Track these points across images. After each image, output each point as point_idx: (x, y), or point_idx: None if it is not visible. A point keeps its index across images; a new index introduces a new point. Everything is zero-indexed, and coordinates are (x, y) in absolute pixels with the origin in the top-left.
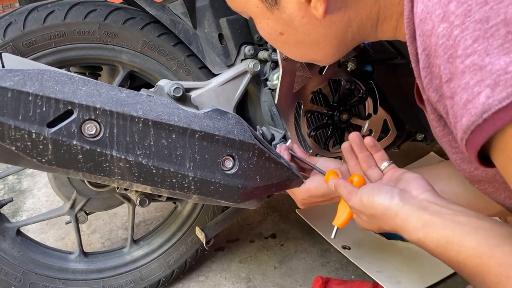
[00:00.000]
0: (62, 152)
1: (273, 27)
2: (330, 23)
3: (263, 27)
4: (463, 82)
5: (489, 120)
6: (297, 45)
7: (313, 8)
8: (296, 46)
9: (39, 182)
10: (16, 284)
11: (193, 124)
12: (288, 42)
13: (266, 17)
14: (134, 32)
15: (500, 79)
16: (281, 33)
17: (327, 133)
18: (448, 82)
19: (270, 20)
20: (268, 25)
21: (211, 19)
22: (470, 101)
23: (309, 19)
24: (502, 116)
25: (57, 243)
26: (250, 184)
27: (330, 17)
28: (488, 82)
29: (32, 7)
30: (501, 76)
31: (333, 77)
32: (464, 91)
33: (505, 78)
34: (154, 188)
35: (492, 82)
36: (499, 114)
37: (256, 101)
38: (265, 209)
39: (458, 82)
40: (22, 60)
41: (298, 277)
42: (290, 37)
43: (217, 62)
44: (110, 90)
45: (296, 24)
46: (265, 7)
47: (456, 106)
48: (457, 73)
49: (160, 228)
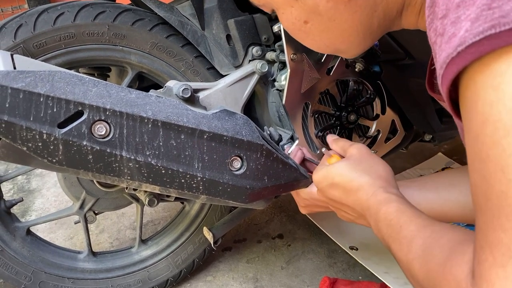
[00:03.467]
0: (72, 153)
1: (297, 15)
2: (356, 6)
3: (287, 17)
4: (454, 16)
5: (462, 53)
6: (321, 34)
7: None
8: (320, 36)
9: (48, 182)
10: (26, 283)
11: (202, 125)
12: (313, 31)
13: (290, 5)
14: (143, 33)
15: (482, 14)
16: (306, 22)
17: (335, 133)
18: (443, 18)
19: (294, 8)
20: (292, 14)
21: (219, 20)
22: (455, 35)
23: (334, 3)
24: (473, 50)
25: (66, 243)
26: (258, 184)
27: (355, 1)
28: (472, 16)
29: (42, 9)
30: (484, 11)
31: (341, 77)
32: (452, 26)
33: (487, 13)
34: (163, 188)
35: (474, 16)
36: (471, 48)
37: (263, 102)
38: (272, 209)
39: (451, 16)
40: (33, 61)
41: (305, 277)
42: (315, 25)
43: (225, 63)
44: (120, 91)
45: (321, 9)
46: None
47: (443, 43)
48: (452, 8)
49: (168, 228)
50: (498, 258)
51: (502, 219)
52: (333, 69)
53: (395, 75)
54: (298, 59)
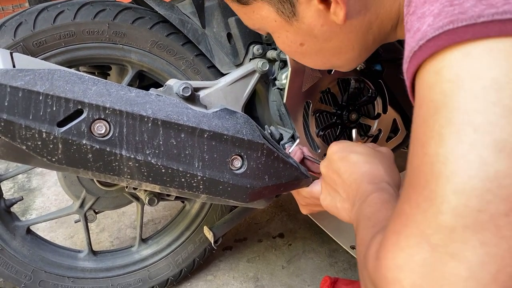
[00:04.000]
0: (72, 152)
1: (292, 39)
2: (351, 27)
3: (283, 41)
4: (420, 12)
5: (423, 47)
6: (318, 54)
7: (332, 15)
8: (317, 55)
9: (48, 181)
10: (26, 282)
11: (202, 123)
12: (309, 52)
13: (285, 30)
14: (143, 31)
15: (444, 9)
16: (302, 44)
17: (336, 132)
18: (412, 15)
19: (289, 32)
20: (287, 38)
21: (220, 18)
22: (419, 30)
23: (329, 26)
24: (432, 44)
25: (66, 242)
26: (259, 183)
27: (350, 22)
28: (435, 12)
29: (42, 7)
30: (446, 7)
31: (342, 76)
32: (418, 21)
33: (448, 9)
34: (163, 188)
35: (437, 11)
36: (430, 42)
37: (264, 101)
38: (273, 208)
39: (417, 12)
40: (32, 59)
41: (306, 277)
42: (310, 46)
43: (226, 62)
44: (120, 90)
45: (316, 32)
46: (284, 20)
47: (409, 37)
48: (419, 4)
49: (168, 227)
50: (397, 226)
51: (409, 191)
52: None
53: (397, 73)
54: None
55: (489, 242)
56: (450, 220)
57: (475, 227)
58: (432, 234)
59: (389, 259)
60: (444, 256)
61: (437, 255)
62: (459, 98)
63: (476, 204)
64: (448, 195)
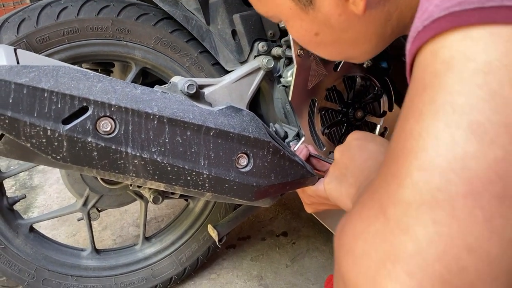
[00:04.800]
0: (77, 149)
1: (307, 28)
2: (370, 18)
3: (297, 29)
4: None
5: (427, 27)
6: (333, 44)
7: (351, 4)
8: (332, 45)
9: (50, 178)
10: (29, 281)
11: (208, 121)
12: (324, 42)
13: (300, 19)
14: (147, 28)
15: None
16: (317, 34)
17: (342, 130)
18: None
19: (304, 21)
20: (302, 27)
21: (224, 15)
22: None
23: (347, 16)
24: (435, 25)
25: (69, 240)
26: (265, 182)
27: (369, 12)
28: None
29: (45, 3)
30: None
31: (348, 73)
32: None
33: None
34: (168, 186)
35: None
36: (435, 23)
37: (269, 98)
38: (277, 207)
39: None
40: (36, 56)
41: (310, 275)
42: (326, 36)
43: (230, 59)
44: (125, 87)
45: (332, 22)
46: (299, 8)
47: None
48: None
49: (172, 226)
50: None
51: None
52: (340, 65)
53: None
54: (304, 55)
55: (441, 221)
56: (408, 195)
57: (431, 204)
58: (389, 207)
59: (349, 228)
60: (395, 229)
61: (389, 227)
62: (446, 79)
63: (437, 182)
64: (412, 171)
